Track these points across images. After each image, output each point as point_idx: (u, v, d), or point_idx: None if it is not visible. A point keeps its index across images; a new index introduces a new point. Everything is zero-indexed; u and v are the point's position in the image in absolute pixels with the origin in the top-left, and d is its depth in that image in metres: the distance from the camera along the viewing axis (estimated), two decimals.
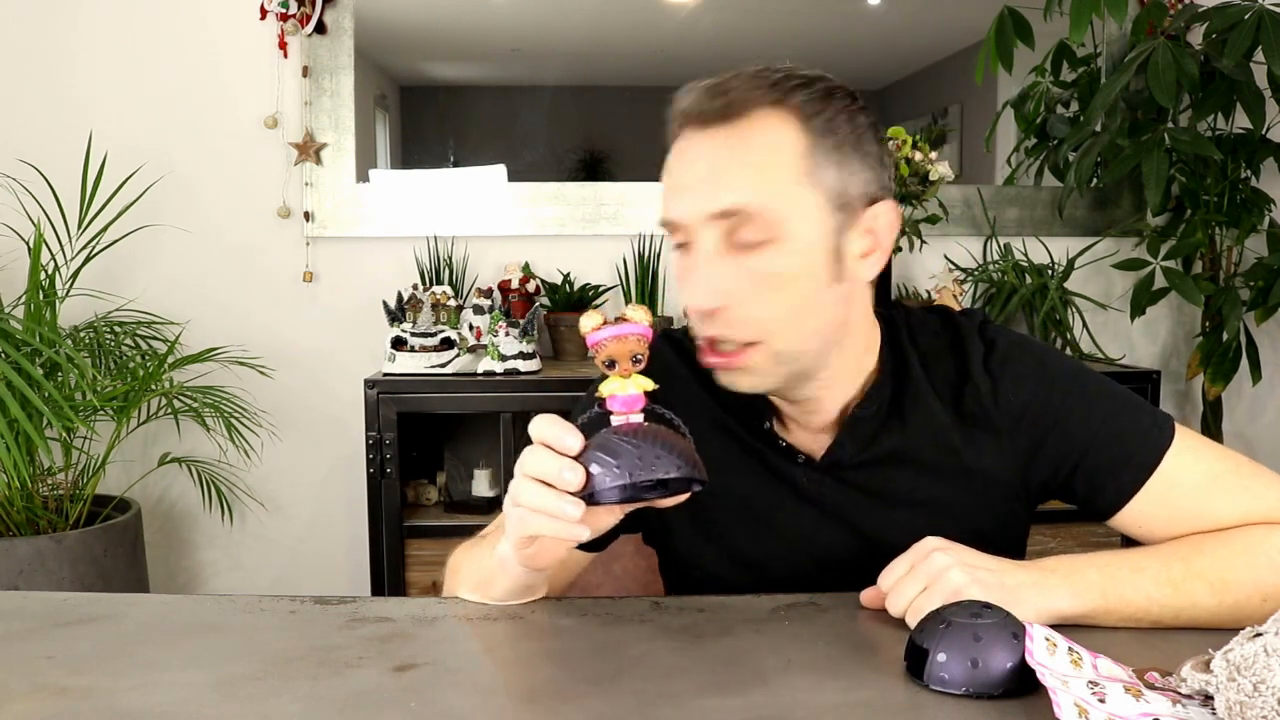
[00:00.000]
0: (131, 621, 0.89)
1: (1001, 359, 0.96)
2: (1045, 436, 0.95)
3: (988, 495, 0.97)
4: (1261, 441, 2.72)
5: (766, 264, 0.87)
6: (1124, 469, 0.93)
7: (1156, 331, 2.71)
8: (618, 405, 0.79)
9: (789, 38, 2.70)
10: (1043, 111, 2.66)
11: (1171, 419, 0.95)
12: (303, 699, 0.72)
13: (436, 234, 2.49)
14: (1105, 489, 0.94)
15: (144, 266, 2.47)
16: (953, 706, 0.70)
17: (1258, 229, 2.42)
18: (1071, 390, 0.95)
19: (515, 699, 0.73)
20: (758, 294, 0.87)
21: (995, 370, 0.96)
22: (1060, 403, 0.95)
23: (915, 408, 0.97)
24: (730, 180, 0.87)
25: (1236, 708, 0.63)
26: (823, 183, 0.88)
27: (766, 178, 0.86)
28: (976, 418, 0.96)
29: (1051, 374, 0.96)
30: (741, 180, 0.86)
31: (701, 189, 0.87)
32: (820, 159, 0.87)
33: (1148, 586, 0.84)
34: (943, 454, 0.97)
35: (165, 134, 2.47)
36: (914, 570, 0.83)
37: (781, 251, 0.87)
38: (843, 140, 0.89)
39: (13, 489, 2.04)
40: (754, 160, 0.87)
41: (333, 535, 2.58)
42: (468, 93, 2.77)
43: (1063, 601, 0.82)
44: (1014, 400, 0.95)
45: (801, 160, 0.87)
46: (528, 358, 2.24)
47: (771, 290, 0.87)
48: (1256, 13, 2.19)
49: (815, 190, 0.87)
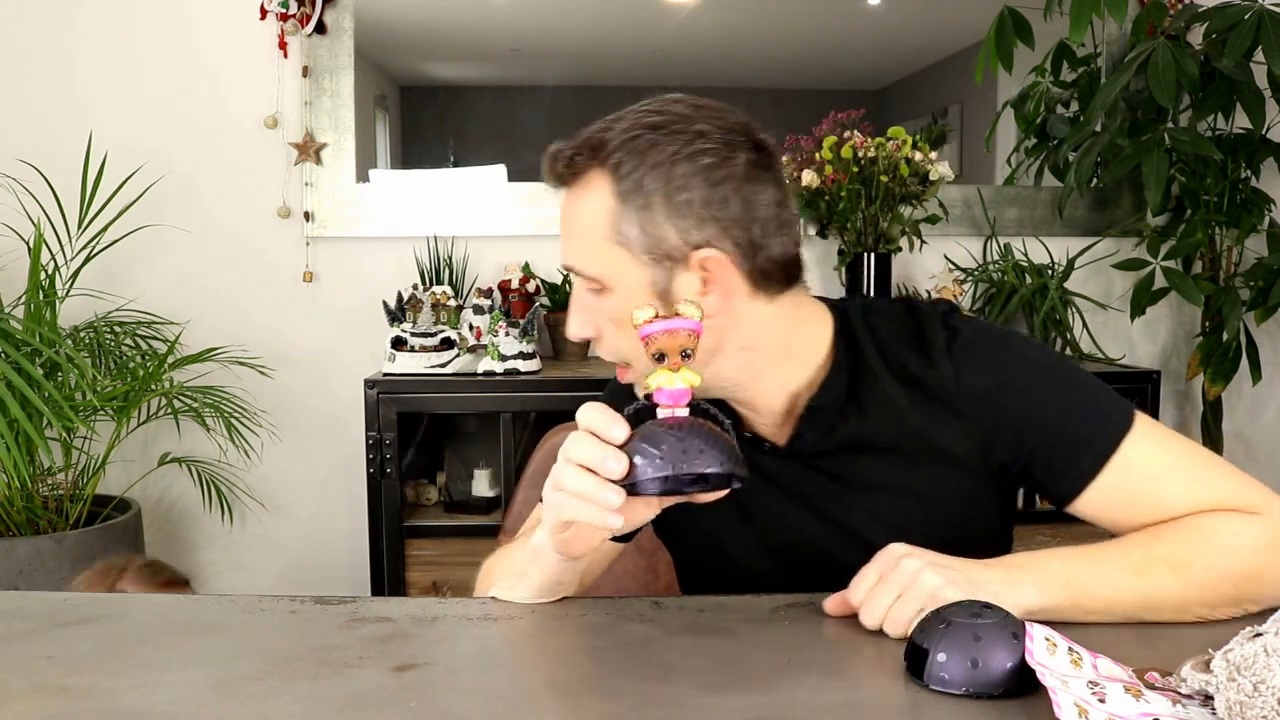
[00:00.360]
0: (131, 621, 0.89)
1: (964, 345, 0.98)
2: (1005, 419, 0.97)
3: (953, 478, 0.99)
4: (1261, 441, 2.72)
5: (607, 307, 0.95)
6: (1084, 454, 0.94)
7: (1156, 331, 2.71)
8: (664, 398, 0.80)
9: (789, 38, 2.70)
10: (1043, 111, 2.65)
11: (1133, 406, 0.97)
12: (303, 699, 0.72)
13: (436, 234, 2.49)
14: (1065, 474, 0.95)
15: (144, 266, 2.47)
16: (953, 706, 0.70)
17: (1258, 229, 2.42)
18: (1032, 375, 0.97)
19: (515, 699, 0.73)
20: (610, 331, 0.97)
21: (957, 354, 0.98)
22: (1021, 387, 0.97)
23: (872, 394, 0.99)
24: (565, 245, 0.98)
25: (1236, 708, 0.63)
26: (628, 240, 0.93)
27: (582, 243, 0.96)
28: (938, 401, 0.98)
29: (1013, 359, 0.98)
30: (568, 246, 0.98)
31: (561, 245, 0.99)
32: (624, 220, 0.93)
33: (1111, 575, 0.85)
34: (904, 438, 0.99)
35: (165, 134, 2.47)
36: (885, 579, 0.83)
37: (612, 299, 0.95)
38: (650, 198, 0.92)
39: (13, 489, 2.04)
40: (575, 227, 0.96)
41: (333, 535, 2.58)
42: (468, 93, 2.77)
43: (1030, 596, 0.83)
44: (975, 384, 0.97)
45: (609, 223, 0.93)
46: (528, 358, 2.24)
47: (618, 329, 0.95)
48: (1256, 13, 2.19)
49: (623, 248, 0.93)
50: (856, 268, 2.41)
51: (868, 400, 0.99)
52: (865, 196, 2.35)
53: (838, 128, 2.43)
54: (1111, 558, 0.87)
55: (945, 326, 1.00)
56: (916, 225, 2.42)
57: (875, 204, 2.35)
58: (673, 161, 0.92)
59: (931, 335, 0.99)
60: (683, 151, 0.92)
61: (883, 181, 2.33)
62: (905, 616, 0.80)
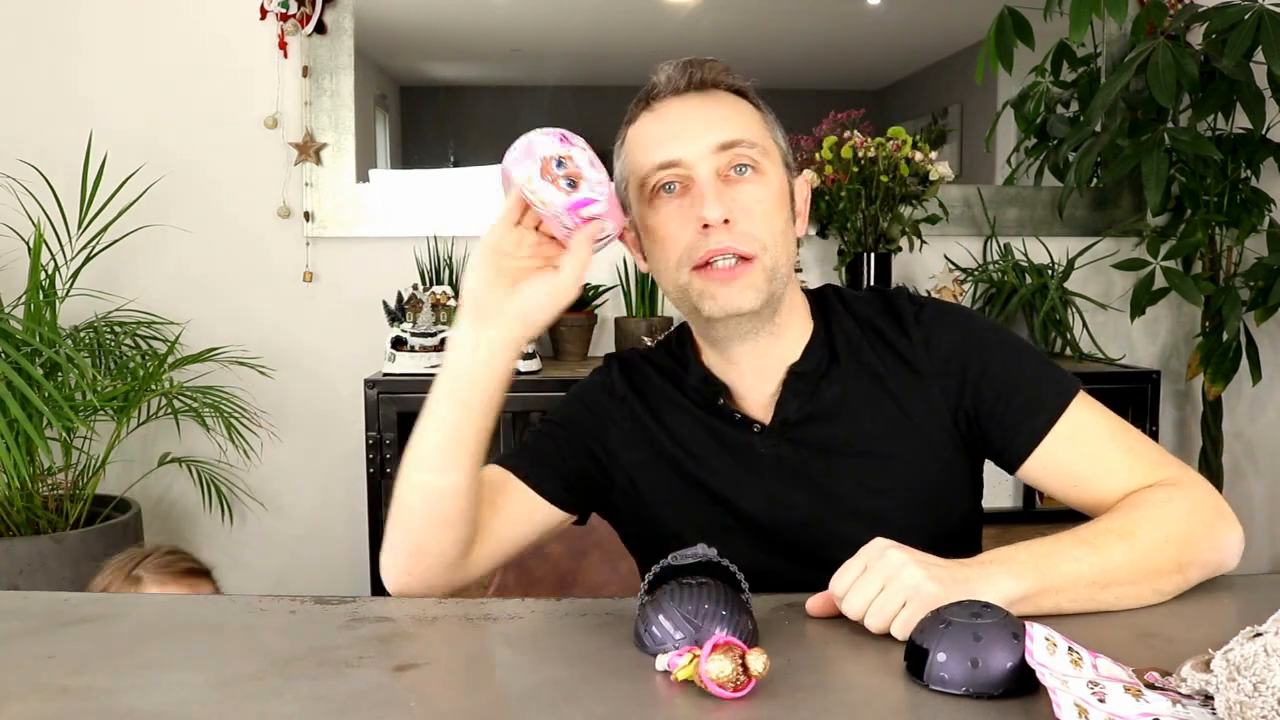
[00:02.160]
0: (131, 621, 0.90)
1: (931, 314, 1.08)
2: (968, 377, 1.05)
3: (929, 442, 1.06)
4: (1261, 441, 2.72)
5: (755, 192, 1.02)
6: (1037, 413, 1.02)
7: (1156, 331, 2.71)
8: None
9: (789, 38, 2.70)
10: (1043, 111, 2.66)
11: (1077, 379, 1.05)
12: (303, 699, 0.72)
13: (436, 234, 2.49)
14: (1019, 431, 1.03)
15: (144, 266, 2.47)
16: (953, 706, 0.70)
17: (1258, 229, 2.42)
18: (991, 341, 1.07)
19: (515, 699, 0.73)
20: (753, 214, 1.02)
21: (926, 321, 1.08)
22: (981, 349, 1.06)
23: (851, 359, 1.08)
24: (729, 120, 1.04)
25: (1236, 708, 0.63)
26: (776, 141, 1.07)
27: (752, 124, 1.05)
28: (911, 365, 1.06)
29: (975, 327, 1.08)
30: (737, 121, 1.04)
31: (704, 128, 1.02)
32: (769, 126, 1.08)
33: (1069, 551, 0.90)
34: (882, 401, 1.06)
35: (165, 134, 2.47)
36: (869, 570, 0.84)
37: (763, 184, 1.03)
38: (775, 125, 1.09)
39: (13, 489, 2.04)
40: (738, 112, 1.05)
41: (333, 535, 2.58)
42: (468, 93, 2.77)
43: (1007, 586, 0.85)
44: (943, 345, 1.06)
45: (761, 123, 1.07)
46: (528, 358, 2.24)
47: (761, 212, 1.02)
48: (1256, 13, 2.19)
49: (773, 145, 1.06)
50: (856, 268, 2.42)
51: (846, 363, 1.08)
52: (865, 196, 2.35)
53: (838, 128, 2.43)
54: (1067, 538, 0.92)
55: (912, 301, 1.10)
56: (916, 225, 2.42)
57: (875, 204, 2.35)
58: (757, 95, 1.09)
59: (901, 307, 1.09)
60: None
61: (883, 181, 2.33)
62: (888, 609, 0.82)
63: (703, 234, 1.00)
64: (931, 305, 1.10)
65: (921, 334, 1.07)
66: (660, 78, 1.06)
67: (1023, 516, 2.39)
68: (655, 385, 1.14)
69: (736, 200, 1.01)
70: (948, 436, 1.06)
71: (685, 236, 1.01)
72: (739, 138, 1.02)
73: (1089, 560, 0.89)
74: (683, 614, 0.79)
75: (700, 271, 1.01)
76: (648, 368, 1.16)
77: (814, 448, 1.06)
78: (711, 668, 0.71)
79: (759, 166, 1.03)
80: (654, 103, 1.06)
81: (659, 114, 1.05)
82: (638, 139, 1.06)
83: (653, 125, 1.05)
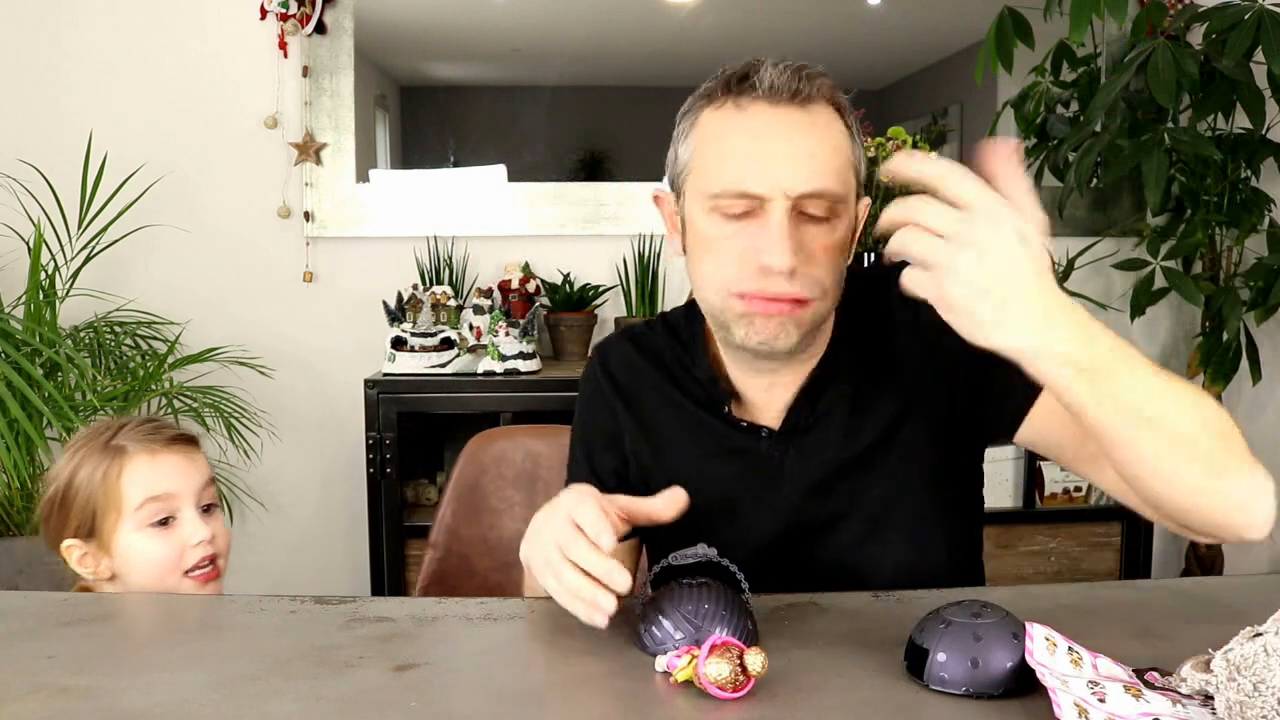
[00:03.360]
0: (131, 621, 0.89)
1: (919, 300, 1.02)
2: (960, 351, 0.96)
3: (930, 429, 1.03)
4: (1261, 441, 2.70)
5: (827, 236, 0.96)
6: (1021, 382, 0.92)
7: (1156, 331, 2.71)
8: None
9: (789, 38, 2.70)
10: (1043, 111, 2.65)
11: None
12: (303, 699, 0.72)
13: (436, 234, 2.49)
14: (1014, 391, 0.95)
15: (144, 266, 2.47)
16: (953, 706, 0.70)
17: (1258, 229, 2.42)
18: None
19: (515, 699, 0.73)
20: (817, 259, 0.96)
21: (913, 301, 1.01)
22: None
23: (858, 363, 1.05)
24: (819, 163, 0.94)
25: (1236, 708, 0.63)
26: (859, 173, 0.99)
27: (839, 166, 0.96)
28: (902, 349, 1.03)
29: None
30: (829, 167, 0.95)
31: (792, 163, 0.93)
32: (856, 152, 0.99)
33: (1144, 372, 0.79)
34: (883, 398, 1.04)
35: (165, 134, 2.47)
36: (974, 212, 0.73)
37: (837, 227, 0.97)
38: (857, 135, 1.00)
39: (13, 489, 2.04)
40: (830, 147, 0.95)
41: (333, 535, 2.58)
42: (468, 93, 2.77)
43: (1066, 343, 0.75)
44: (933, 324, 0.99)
45: (850, 151, 0.98)
46: (528, 358, 2.24)
47: (827, 258, 0.96)
48: (1256, 13, 2.19)
49: (855, 178, 0.99)
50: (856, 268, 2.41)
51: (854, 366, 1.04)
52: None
53: None
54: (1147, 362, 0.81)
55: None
56: None
57: (875, 204, 2.34)
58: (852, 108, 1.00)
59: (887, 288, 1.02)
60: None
61: (883, 181, 2.33)
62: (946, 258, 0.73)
63: (761, 271, 0.94)
64: None
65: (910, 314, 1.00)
66: (763, 73, 0.94)
67: (1023, 516, 2.39)
68: (649, 380, 1.10)
69: (805, 244, 0.94)
70: (948, 421, 1.03)
71: (740, 265, 0.95)
72: (824, 189, 0.93)
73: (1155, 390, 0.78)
74: (683, 614, 0.79)
75: (746, 299, 0.96)
76: (640, 358, 1.12)
77: (821, 449, 1.04)
78: (709, 670, 0.71)
79: (836, 212, 0.95)
80: (745, 99, 0.95)
81: (749, 117, 0.95)
82: (717, 135, 0.96)
83: (738, 130, 0.95)
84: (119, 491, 1.14)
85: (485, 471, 1.49)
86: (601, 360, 1.15)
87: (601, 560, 0.82)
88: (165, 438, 1.18)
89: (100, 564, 1.16)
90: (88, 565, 1.16)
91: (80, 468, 1.16)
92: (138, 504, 1.14)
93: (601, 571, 0.81)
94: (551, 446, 1.50)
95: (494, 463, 1.50)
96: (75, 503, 1.15)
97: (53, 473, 1.19)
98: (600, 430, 1.13)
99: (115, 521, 1.14)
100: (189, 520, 1.17)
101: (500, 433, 1.55)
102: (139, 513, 1.14)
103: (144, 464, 1.16)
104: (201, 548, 1.17)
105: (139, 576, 1.15)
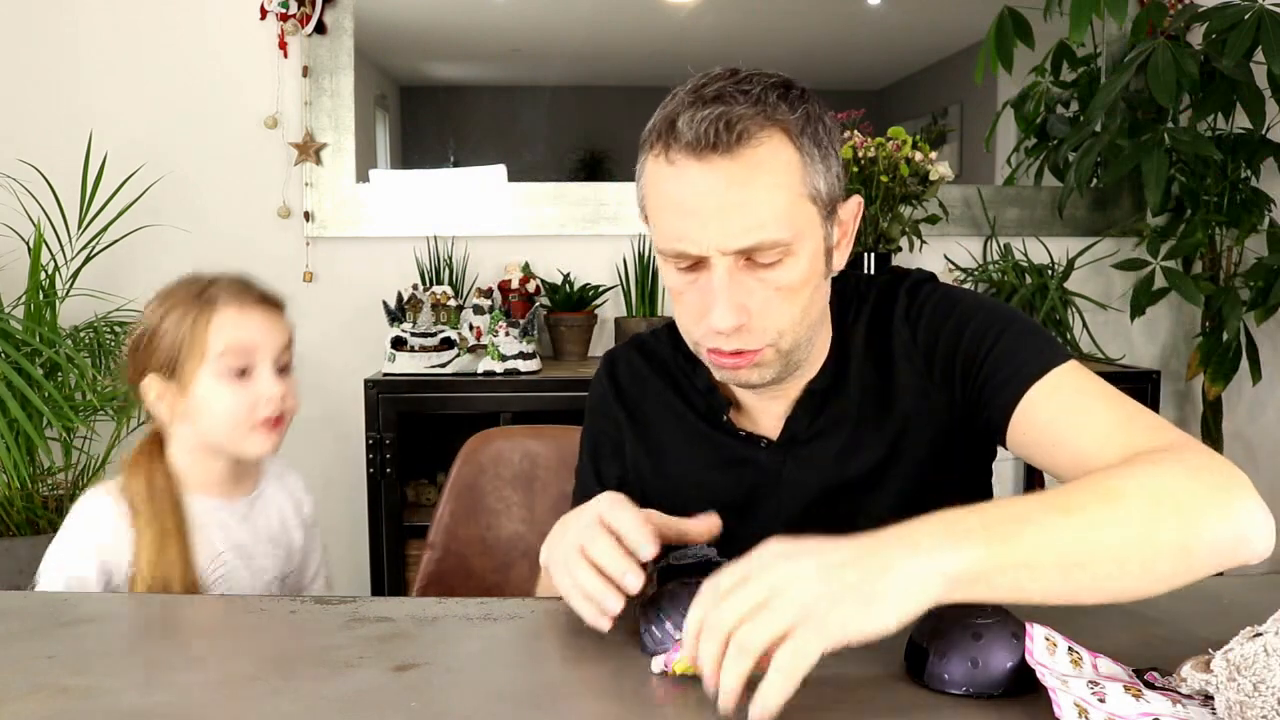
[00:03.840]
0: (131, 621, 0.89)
1: (919, 306, 1.02)
2: (955, 360, 0.98)
3: (930, 438, 1.01)
4: (1262, 441, 2.72)
5: (781, 278, 0.91)
6: (1012, 379, 0.93)
7: (1156, 331, 2.71)
8: None
9: (789, 38, 2.70)
10: (1043, 111, 2.65)
11: (1069, 354, 0.96)
12: (303, 699, 0.72)
13: (436, 234, 2.49)
14: (995, 401, 0.94)
15: (144, 266, 2.47)
16: (953, 706, 0.70)
17: (1258, 229, 2.42)
18: (974, 316, 0.99)
19: (515, 699, 0.73)
20: (773, 305, 0.92)
21: (913, 316, 1.02)
22: (964, 328, 0.98)
23: (857, 374, 1.03)
24: (750, 216, 0.88)
25: (1236, 708, 0.63)
26: (817, 196, 0.92)
27: (780, 208, 0.89)
28: (903, 365, 1.01)
29: (960, 309, 1.00)
30: (760, 216, 0.88)
31: (720, 222, 0.88)
32: (811, 174, 0.91)
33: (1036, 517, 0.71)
34: (881, 409, 1.02)
35: (165, 134, 2.47)
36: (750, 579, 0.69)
37: (793, 267, 0.91)
38: (824, 149, 0.93)
39: (13, 489, 2.04)
40: (765, 193, 0.88)
41: (333, 535, 2.56)
42: (468, 93, 2.77)
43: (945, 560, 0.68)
44: (929, 337, 1.00)
45: (800, 180, 0.90)
46: (528, 358, 2.24)
47: (785, 299, 0.92)
48: (1256, 13, 2.19)
49: (813, 205, 0.92)
50: (856, 268, 2.41)
51: (852, 378, 1.03)
52: (865, 196, 2.35)
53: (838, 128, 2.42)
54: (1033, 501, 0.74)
55: (907, 295, 1.03)
56: (916, 225, 2.42)
57: (875, 204, 2.34)
58: (820, 116, 0.93)
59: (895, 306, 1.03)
60: (819, 108, 0.94)
61: (883, 181, 2.33)
62: (761, 636, 0.65)
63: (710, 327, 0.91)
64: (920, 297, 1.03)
65: (908, 331, 1.01)
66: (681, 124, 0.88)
67: None
68: (654, 390, 1.11)
69: (754, 293, 0.91)
70: (949, 427, 1.01)
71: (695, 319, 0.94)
72: (761, 241, 0.88)
73: (1060, 528, 0.70)
74: (683, 614, 0.79)
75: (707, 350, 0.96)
76: (647, 368, 1.12)
77: (820, 464, 1.03)
78: None
79: (790, 251, 0.90)
80: (674, 150, 0.89)
81: (678, 173, 0.89)
82: (655, 188, 0.93)
83: (670, 185, 0.90)
84: (204, 337, 1.18)
85: (483, 472, 1.49)
86: (609, 369, 1.15)
87: (619, 560, 0.81)
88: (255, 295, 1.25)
89: (176, 405, 1.20)
90: (164, 405, 1.20)
91: (171, 311, 1.21)
92: (220, 351, 1.18)
93: (616, 571, 0.81)
94: (549, 447, 1.50)
95: (492, 463, 1.50)
96: (161, 343, 1.20)
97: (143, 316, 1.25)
98: (606, 438, 1.14)
99: (196, 366, 1.18)
100: (265, 376, 1.21)
101: (498, 433, 1.54)
102: (220, 360, 1.18)
103: (231, 315, 1.21)
104: (273, 404, 1.22)
105: (211, 421, 1.19)
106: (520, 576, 1.46)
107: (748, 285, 0.90)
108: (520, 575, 1.45)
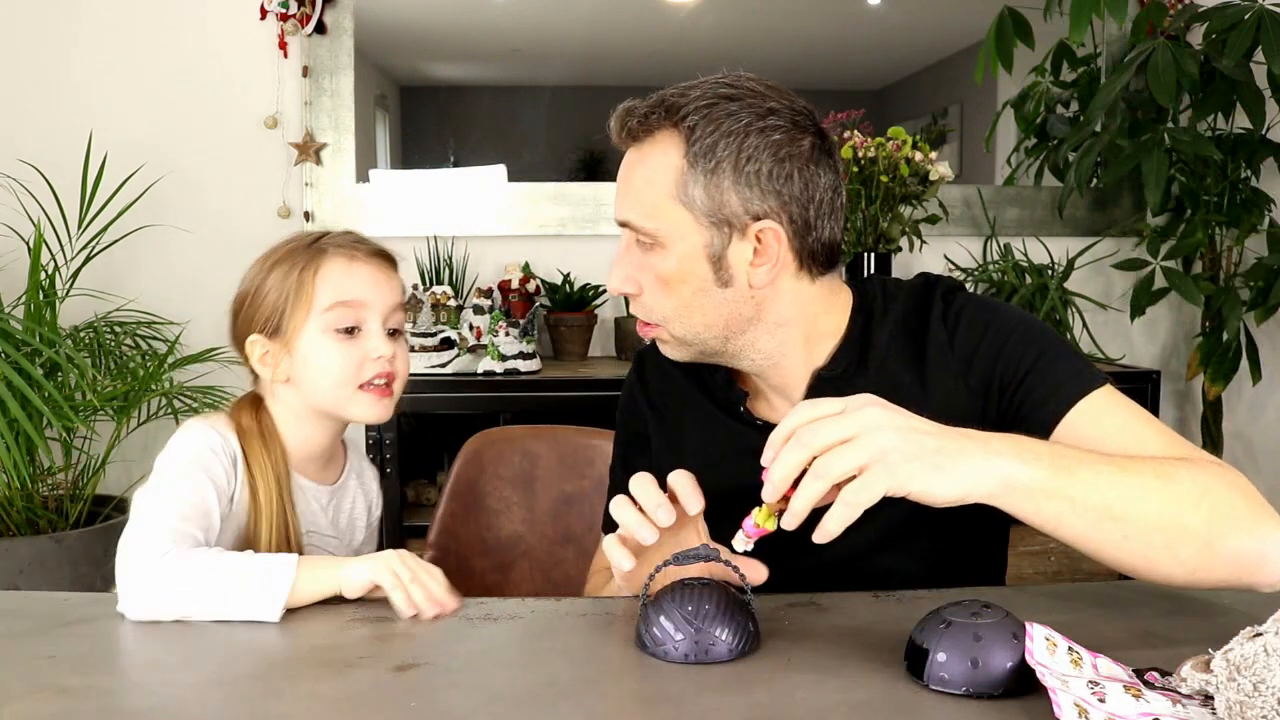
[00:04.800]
0: (131, 621, 0.89)
1: (956, 312, 1.04)
2: (993, 373, 1.01)
3: None
4: (1262, 441, 2.72)
5: (656, 265, 1.00)
6: (1052, 398, 0.97)
7: (1156, 331, 2.71)
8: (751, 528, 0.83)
9: (789, 38, 2.70)
10: (1043, 111, 2.66)
11: (1107, 376, 1.00)
12: (303, 699, 0.72)
13: (436, 234, 2.49)
14: (1034, 417, 0.97)
15: (144, 266, 2.47)
16: (953, 706, 0.70)
17: (1258, 229, 2.42)
18: (1015, 332, 1.02)
19: (515, 699, 0.73)
20: (653, 289, 1.01)
21: (950, 321, 1.04)
22: (1004, 342, 1.01)
23: (879, 367, 1.04)
24: (627, 196, 1.01)
25: (1236, 708, 0.63)
26: (692, 201, 0.97)
27: (646, 198, 0.99)
28: (936, 367, 1.03)
29: (1000, 321, 1.03)
30: (629, 200, 1.00)
31: (619, 196, 1.02)
32: (692, 181, 0.97)
33: (1095, 464, 0.82)
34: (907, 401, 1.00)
35: (165, 134, 2.47)
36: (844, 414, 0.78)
37: (665, 257, 0.99)
38: (720, 164, 0.96)
39: (13, 489, 2.04)
40: (638, 182, 0.99)
41: None
42: (468, 93, 2.77)
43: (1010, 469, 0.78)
44: (966, 344, 1.02)
45: (675, 181, 0.97)
46: (528, 358, 2.24)
47: (662, 287, 1.00)
48: (1256, 13, 2.19)
49: (685, 208, 0.97)
50: (856, 267, 2.42)
51: (874, 371, 1.04)
52: (865, 196, 2.35)
53: (838, 128, 2.43)
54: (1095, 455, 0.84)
55: (943, 299, 1.06)
56: (916, 225, 2.42)
57: (875, 204, 2.34)
58: (745, 132, 0.97)
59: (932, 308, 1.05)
60: (755, 124, 0.97)
61: (883, 181, 2.33)
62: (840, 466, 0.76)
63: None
64: (957, 303, 1.05)
65: (945, 334, 1.03)
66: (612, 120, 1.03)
67: None
68: (679, 386, 1.14)
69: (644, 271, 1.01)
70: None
71: None
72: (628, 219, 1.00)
73: (1112, 480, 0.80)
74: (683, 614, 0.79)
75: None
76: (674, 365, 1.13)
77: None
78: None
79: (660, 242, 0.99)
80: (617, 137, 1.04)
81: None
82: None
83: None
84: (311, 289, 1.12)
85: (483, 472, 1.49)
86: (638, 367, 1.19)
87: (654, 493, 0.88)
88: (366, 249, 1.18)
89: (280, 364, 1.14)
90: (268, 364, 1.15)
91: (277, 266, 1.15)
92: (327, 305, 1.12)
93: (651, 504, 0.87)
94: (549, 447, 1.50)
95: (492, 463, 1.50)
96: (266, 300, 1.15)
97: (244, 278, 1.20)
98: (635, 436, 1.18)
99: (302, 319, 1.12)
100: (374, 334, 1.13)
101: (498, 433, 1.54)
102: (327, 314, 1.12)
103: (340, 267, 1.14)
104: (380, 363, 1.13)
105: (316, 379, 1.13)
106: (520, 576, 1.46)
107: (639, 262, 1.01)
108: (520, 575, 1.45)
